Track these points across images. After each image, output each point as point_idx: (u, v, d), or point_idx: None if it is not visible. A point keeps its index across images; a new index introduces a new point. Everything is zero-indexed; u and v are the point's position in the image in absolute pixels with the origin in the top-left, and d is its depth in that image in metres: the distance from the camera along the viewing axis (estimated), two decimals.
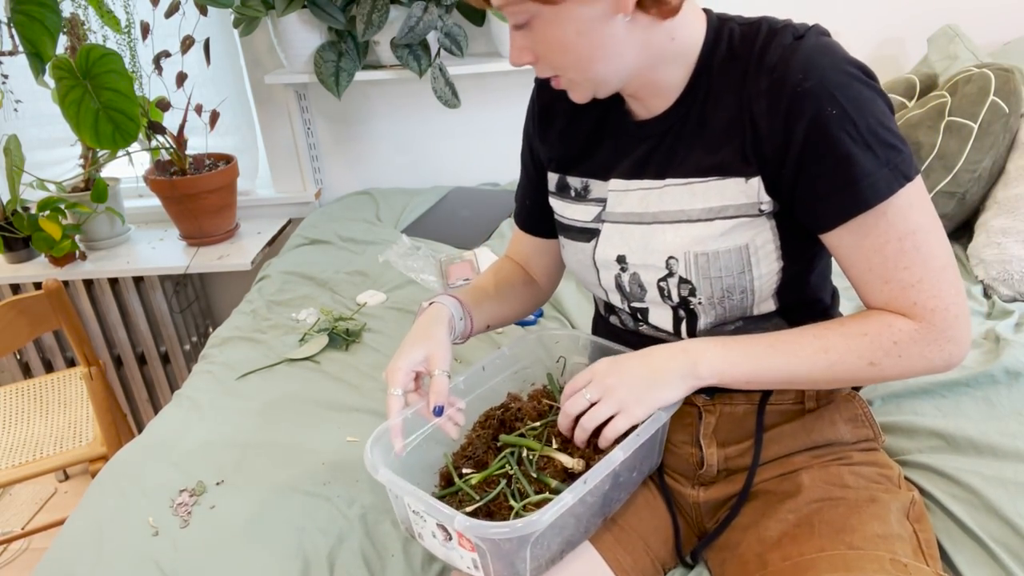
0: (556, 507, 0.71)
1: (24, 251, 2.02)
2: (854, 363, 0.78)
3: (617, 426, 0.79)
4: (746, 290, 0.83)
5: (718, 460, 0.91)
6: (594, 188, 0.91)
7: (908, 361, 0.77)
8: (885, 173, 0.73)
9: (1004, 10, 1.84)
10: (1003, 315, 1.31)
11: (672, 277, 0.84)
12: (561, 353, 1.03)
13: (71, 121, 1.62)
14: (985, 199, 1.54)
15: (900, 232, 0.74)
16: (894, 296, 0.77)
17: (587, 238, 0.92)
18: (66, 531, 1.03)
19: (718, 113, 0.80)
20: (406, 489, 0.75)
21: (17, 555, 1.99)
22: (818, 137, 0.73)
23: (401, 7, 1.77)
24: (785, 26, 0.78)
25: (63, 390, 1.81)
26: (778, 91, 0.75)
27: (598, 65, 0.77)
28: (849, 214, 0.75)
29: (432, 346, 0.88)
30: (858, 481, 0.86)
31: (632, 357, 0.83)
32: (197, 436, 1.18)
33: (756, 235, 0.81)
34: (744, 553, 0.86)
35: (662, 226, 0.84)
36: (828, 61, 0.73)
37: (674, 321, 0.88)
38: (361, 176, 2.24)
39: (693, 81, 0.81)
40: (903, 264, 0.75)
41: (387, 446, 0.84)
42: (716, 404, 0.90)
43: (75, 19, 1.81)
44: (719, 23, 0.81)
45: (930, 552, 0.80)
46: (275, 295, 1.65)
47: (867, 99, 0.73)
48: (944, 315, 0.76)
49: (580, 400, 0.81)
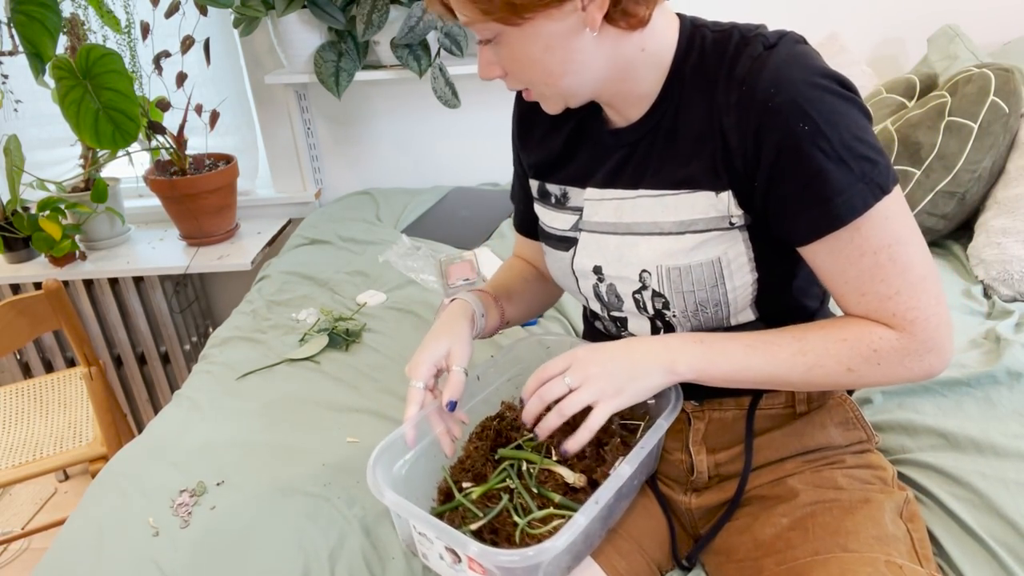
0: (571, 531, 0.69)
1: (24, 251, 2.02)
2: (832, 368, 0.77)
3: (597, 415, 0.77)
4: (720, 303, 0.82)
5: (708, 466, 0.91)
6: (572, 196, 0.90)
7: (887, 369, 0.76)
8: (860, 188, 0.71)
9: (1004, 10, 1.84)
10: (1003, 315, 1.31)
11: (646, 290, 0.84)
12: (552, 357, 1.01)
13: (71, 121, 1.62)
14: (985, 199, 1.54)
15: (875, 245, 0.73)
16: (872, 308, 0.76)
17: (565, 247, 0.91)
18: (66, 531, 1.02)
19: (689, 124, 0.79)
20: (414, 513, 0.74)
21: (17, 555, 1.99)
22: (790, 154, 0.71)
23: (401, 7, 1.77)
24: (756, 35, 0.76)
25: (63, 390, 1.81)
26: (748, 105, 0.73)
27: (567, 79, 0.77)
28: (822, 231, 0.74)
29: (453, 341, 0.87)
30: (851, 483, 0.86)
31: (613, 347, 0.80)
32: (197, 436, 1.18)
33: (728, 248, 0.79)
34: (740, 557, 0.86)
35: (635, 237, 0.83)
36: (799, 74, 0.71)
37: (652, 332, 0.88)
38: (361, 176, 2.24)
39: (665, 90, 0.80)
40: (879, 277, 0.74)
41: (388, 465, 0.82)
42: (705, 410, 0.90)
43: (75, 19, 1.81)
44: (692, 29, 0.79)
45: (923, 552, 0.80)
46: (275, 295, 1.65)
47: (841, 112, 0.71)
48: (924, 326, 0.75)
49: (558, 385, 0.78)
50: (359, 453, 1.11)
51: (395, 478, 0.84)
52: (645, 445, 0.79)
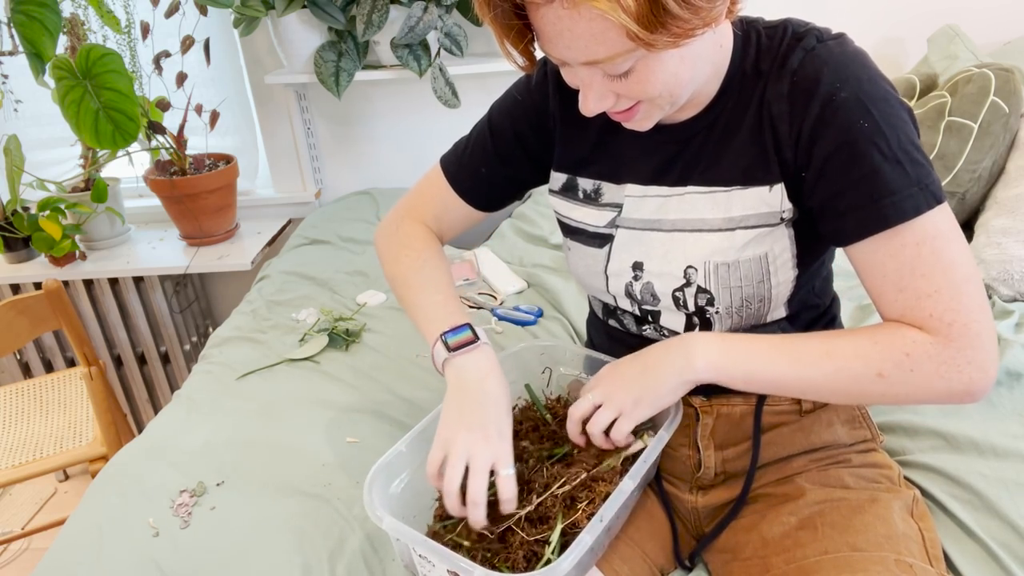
0: (576, 551, 0.69)
1: (24, 251, 2.02)
2: (860, 371, 0.72)
3: (621, 428, 0.79)
4: (764, 299, 0.81)
5: (716, 463, 0.91)
6: (607, 191, 0.88)
7: (921, 378, 0.70)
8: (914, 191, 0.69)
9: (1004, 10, 1.84)
10: (1003, 315, 1.31)
11: (690, 287, 0.83)
12: (547, 364, 1.01)
13: (71, 121, 1.62)
14: (985, 199, 1.54)
15: (918, 237, 0.70)
16: (909, 306, 0.72)
17: (599, 243, 0.89)
18: (66, 532, 1.02)
19: (744, 120, 0.78)
20: (413, 537, 0.73)
21: (17, 555, 1.99)
22: (847, 149, 0.71)
23: (401, 7, 1.77)
24: (808, 30, 0.76)
25: (63, 390, 1.81)
26: (804, 96, 0.72)
27: (690, 85, 0.73)
28: (869, 230, 0.72)
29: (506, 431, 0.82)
30: (858, 482, 0.86)
31: (629, 358, 0.82)
32: (197, 436, 1.18)
33: (775, 243, 0.79)
34: (746, 555, 0.85)
35: (682, 234, 0.82)
36: (863, 72, 0.71)
37: (687, 327, 0.87)
38: (361, 176, 2.24)
39: (724, 88, 0.79)
40: (919, 271, 0.70)
41: (384, 484, 0.81)
42: (713, 405, 0.90)
43: (75, 19, 1.81)
44: (746, 27, 0.78)
45: (934, 552, 0.80)
46: (275, 295, 1.65)
47: (900, 117, 0.71)
48: (963, 331, 0.69)
49: (584, 404, 0.81)
50: (359, 453, 1.11)
51: (392, 496, 0.83)
52: (647, 459, 0.78)
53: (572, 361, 0.99)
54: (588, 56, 0.67)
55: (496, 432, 0.80)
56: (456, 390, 0.83)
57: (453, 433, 0.79)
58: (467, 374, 0.84)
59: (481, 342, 0.86)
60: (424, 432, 0.87)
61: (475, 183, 0.99)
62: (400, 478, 0.85)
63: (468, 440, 0.78)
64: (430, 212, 1.01)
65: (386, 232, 1.03)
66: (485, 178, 0.98)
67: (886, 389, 0.72)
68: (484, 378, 0.83)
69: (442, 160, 1.02)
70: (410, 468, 0.86)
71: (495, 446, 0.78)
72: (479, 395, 0.82)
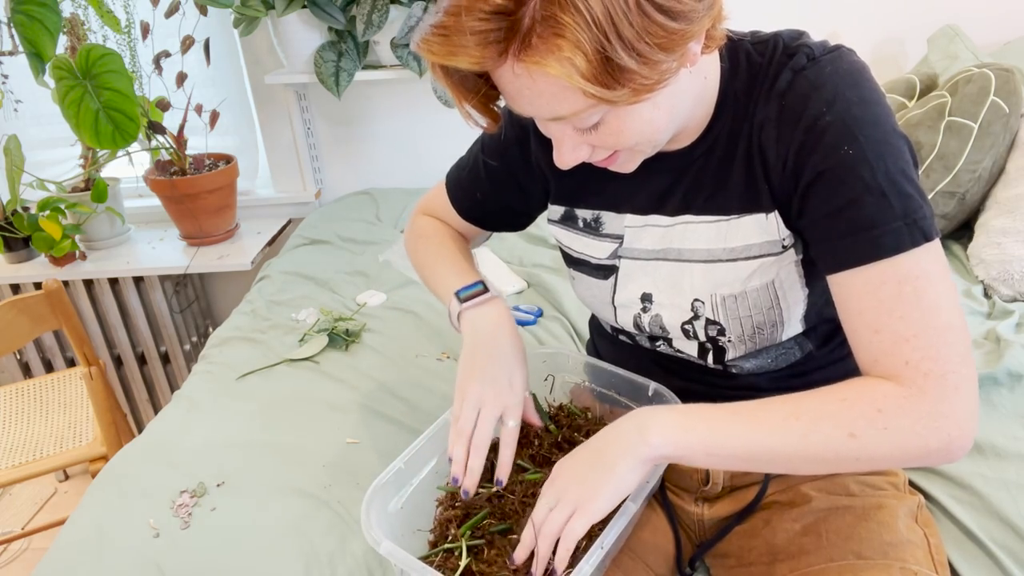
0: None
1: (24, 251, 2.02)
2: (830, 433, 0.65)
3: (575, 529, 0.69)
4: (776, 323, 0.79)
5: (724, 476, 0.90)
6: (607, 221, 0.85)
7: (895, 436, 0.63)
8: (898, 226, 0.64)
9: (1004, 10, 1.84)
10: (1003, 315, 1.31)
11: (698, 319, 0.81)
12: (550, 371, 0.99)
13: (71, 121, 1.61)
14: (985, 199, 1.54)
15: (900, 275, 0.65)
16: (884, 350, 0.66)
17: (603, 275, 0.87)
18: (66, 532, 1.02)
19: (739, 145, 0.75)
20: (412, 565, 0.71)
21: (17, 555, 1.99)
22: (828, 176, 0.67)
23: (401, 7, 1.77)
24: (799, 45, 0.71)
25: (63, 390, 1.81)
26: (792, 120, 0.69)
27: (669, 128, 0.70)
28: (846, 263, 0.67)
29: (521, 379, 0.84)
30: (863, 489, 0.85)
31: (581, 448, 0.74)
32: (197, 437, 1.18)
33: (780, 270, 0.76)
34: (750, 561, 0.85)
35: (689, 265, 0.80)
36: (856, 94, 0.66)
37: (699, 354, 0.85)
38: (361, 176, 2.24)
39: (716, 115, 0.75)
40: (898, 313, 0.65)
41: (381, 506, 0.80)
42: None
43: (75, 19, 1.81)
44: (732, 47, 0.74)
45: (939, 559, 0.79)
46: (275, 295, 1.65)
47: (891, 143, 0.66)
48: (939, 383, 0.63)
49: (540, 509, 0.72)
50: (359, 454, 1.11)
51: (391, 514, 0.81)
52: (615, 526, 0.72)
53: (574, 368, 0.99)
54: (552, 113, 0.65)
55: (507, 383, 0.82)
56: (471, 342, 0.86)
57: (467, 383, 0.82)
58: (480, 325, 0.86)
59: (492, 294, 0.88)
60: (422, 450, 0.85)
61: (473, 205, 0.99)
62: (399, 495, 0.83)
63: (480, 391, 0.81)
64: (440, 218, 1.05)
65: (407, 233, 1.09)
66: (481, 203, 0.98)
67: (860, 451, 0.64)
68: (496, 330, 0.85)
69: (446, 177, 1.03)
70: (409, 485, 0.85)
71: (505, 397, 0.81)
72: (492, 347, 0.84)
